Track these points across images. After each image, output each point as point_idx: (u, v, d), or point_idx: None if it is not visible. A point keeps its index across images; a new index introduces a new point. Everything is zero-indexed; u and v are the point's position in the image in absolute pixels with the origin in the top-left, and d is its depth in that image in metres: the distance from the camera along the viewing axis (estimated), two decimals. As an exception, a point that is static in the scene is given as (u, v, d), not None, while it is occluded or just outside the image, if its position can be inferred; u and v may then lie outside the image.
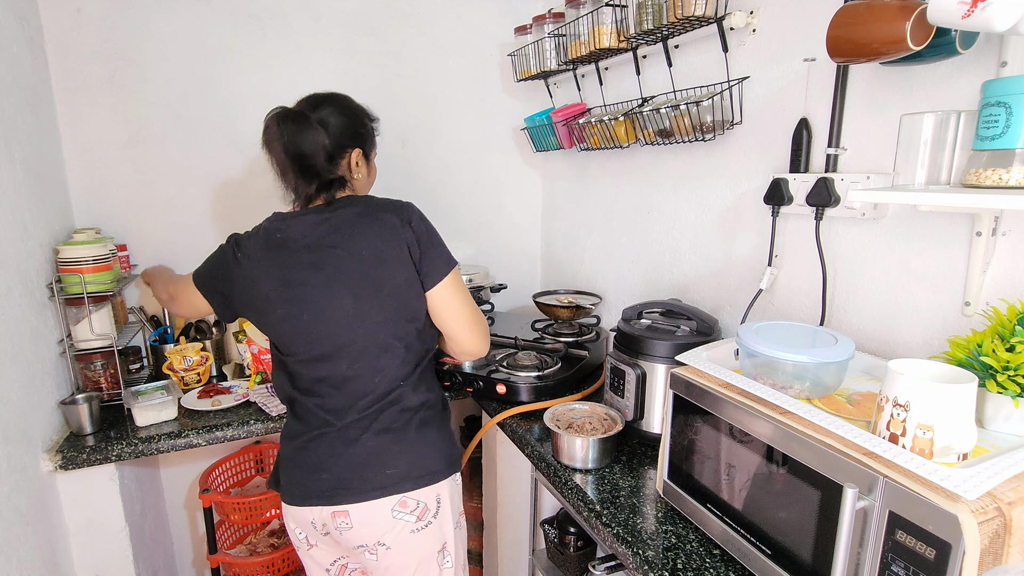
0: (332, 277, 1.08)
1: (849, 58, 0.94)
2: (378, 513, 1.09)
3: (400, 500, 1.10)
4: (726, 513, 0.93)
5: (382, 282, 1.08)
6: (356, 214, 1.10)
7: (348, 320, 1.08)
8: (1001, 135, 0.77)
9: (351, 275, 1.08)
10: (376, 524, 1.10)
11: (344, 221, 1.10)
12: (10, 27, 1.37)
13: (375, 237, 1.08)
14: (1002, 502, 0.63)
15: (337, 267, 1.08)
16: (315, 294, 1.08)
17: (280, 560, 1.74)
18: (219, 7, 1.75)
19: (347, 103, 1.18)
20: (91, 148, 1.69)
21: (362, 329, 1.09)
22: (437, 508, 1.14)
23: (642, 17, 1.38)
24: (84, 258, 1.44)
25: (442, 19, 2.01)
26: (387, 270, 1.09)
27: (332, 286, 1.08)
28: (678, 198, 1.57)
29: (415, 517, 1.11)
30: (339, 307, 1.08)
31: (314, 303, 1.08)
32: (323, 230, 1.10)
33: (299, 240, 1.10)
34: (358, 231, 1.09)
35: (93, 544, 1.42)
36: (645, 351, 1.25)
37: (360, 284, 1.08)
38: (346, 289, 1.08)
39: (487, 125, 2.16)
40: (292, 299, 1.09)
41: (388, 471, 1.09)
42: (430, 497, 1.12)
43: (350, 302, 1.08)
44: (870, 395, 0.90)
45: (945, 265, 0.98)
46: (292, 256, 1.09)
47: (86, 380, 1.53)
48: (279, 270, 1.10)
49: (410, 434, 1.13)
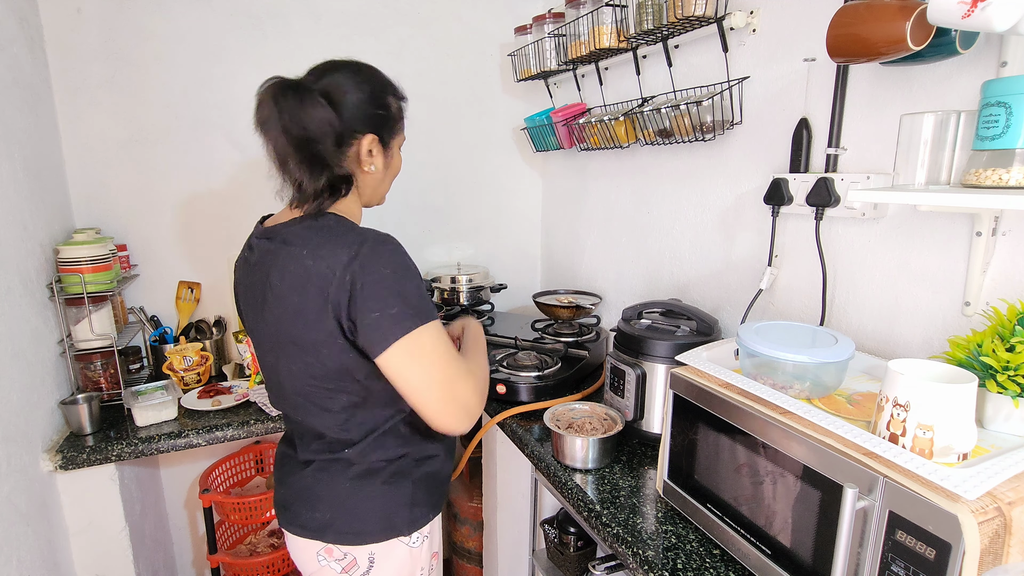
0: (267, 320, 0.93)
1: (849, 58, 0.94)
2: (305, 550, 1.02)
3: (325, 547, 0.99)
4: (726, 513, 0.93)
5: (304, 342, 0.89)
6: (290, 254, 0.88)
7: (283, 370, 0.95)
8: (1001, 135, 0.77)
9: (277, 325, 0.91)
10: (305, 560, 1.03)
11: (283, 261, 0.89)
12: (10, 27, 1.37)
13: (298, 288, 0.87)
14: (1002, 502, 0.63)
15: (269, 311, 0.91)
16: (261, 331, 0.96)
17: (280, 560, 1.74)
18: (219, 7, 1.75)
19: (366, 74, 0.95)
20: (91, 148, 1.69)
21: (296, 385, 0.94)
22: (369, 567, 0.99)
23: (642, 17, 1.38)
24: (84, 258, 1.44)
25: (442, 19, 2.01)
26: (307, 331, 0.88)
27: (266, 327, 0.94)
28: (678, 198, 1.57)
29: (340, 567, 1.00)
30: (275, 354, 0.95)
31: (261, 340, 0.97)
32: (266, 261, 0.92)
33: (257, 266, 0.94)
34: (285, 276, 0.88)
35: (93, 544, 1.42)
36: (645, 351, 1.25)
37: (283, 338, 0.91)
38: (275, 337, 0.93)
39: (487, 125, 2.16)
40: (252, 326, 1.00)
41: (316, 514, 0.98)
42: (361, 555, 0.99)
43: (281, 354, 0.93)
44: (870, 395, 0.90)
45: (945, 265, 0.98)
46: (249, 278, 0.97)
47: (86, 380, 1.53)
48: (246, 293, 0.99)
49: (342, 484, 0.97)
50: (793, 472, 0.80)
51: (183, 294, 1.84)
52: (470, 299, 2.00)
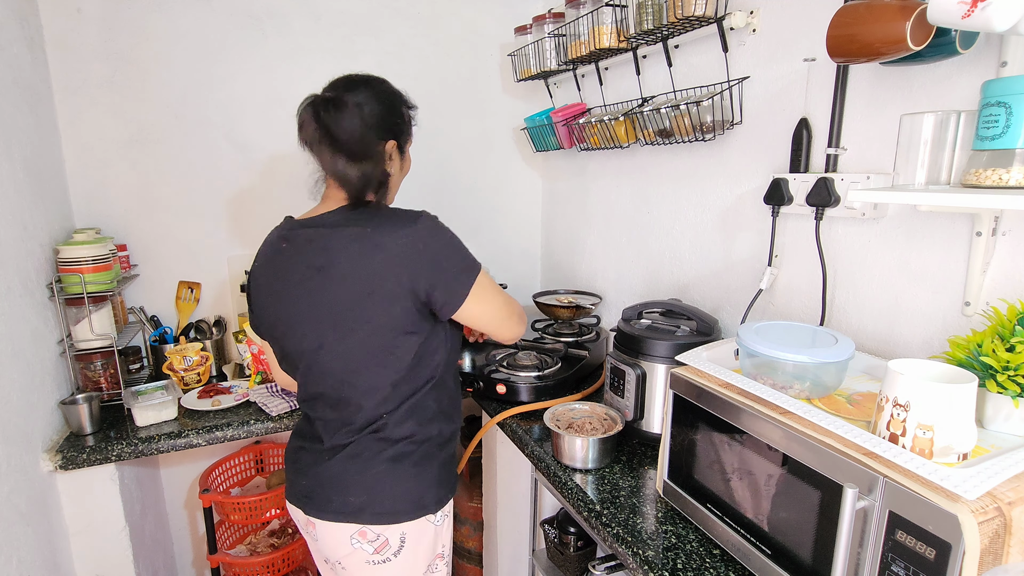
0: (317, 304, 1.00)
1: (849, 58, 0.94)
2: (338, 535, 1.06)
3: (359, 529, 1.05)
4: (726, 513, 0.93)
5: (367, 317, 0.98)
6: (350, 237, 0.98)
7: (330, 351, 1.02)
8: (1001, 135, 0.77)
9: (334, 306, 0.99)
10: (335, 545, 1.07)
11: (339, 242, 0.98)
12: (10, 27, 1.37)
13: (367, 267, 0.97)
14: (1002, 502, 0.63)
15: (322, 293, 0.99)
16: (303, 318, 1.02)
17: (280, 560, 1.74)
18: (219, 7, 1.75)
19: (384, 88, 1.07)
20: (91, 148, 1.69)
21: (343, 363, 1.02)
22: (400, 547, 1.07)
23: (642, 17, 1.38)
24: (84, 258, 1.44)
25: (442, 19, 2.01)
26: (375, 305, 0.98)
27: (317, 313, 1.00)
28: (678, 198, 1.57)
29: (373, 548, 1.06)
30: (323, 337, 1.01)
31: (302, 327, 1.03)
32: (316, 247, 1.00)
33: (295, 255, 1.02)
34: (350, 257, 0.97)
35: (93, 544, 1.42)
36: (645, 351, 1.25)
37: (342, 317, 0.99)
38: (328, 319, 1.00)
39: (487, 125, 2.16)
40: (286, 318, 1.04)
41: (350, 498, 1.04)
42: (392, 534, 1.06)
43: (331, 334, 1.00)
44: (870, 395, 0.90)
45: (945, 265, 0.98)
46: (287, 271, 1.03)
47: (86, 380, 1.53)
48: (277, 284, 1.04)
49: (377, 467, 1.04)
50: (793, 472, 0.80)
51: (183, 294, 1.84)
52: (470, 299, 2.00)
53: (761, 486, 0.86)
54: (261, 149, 1.87)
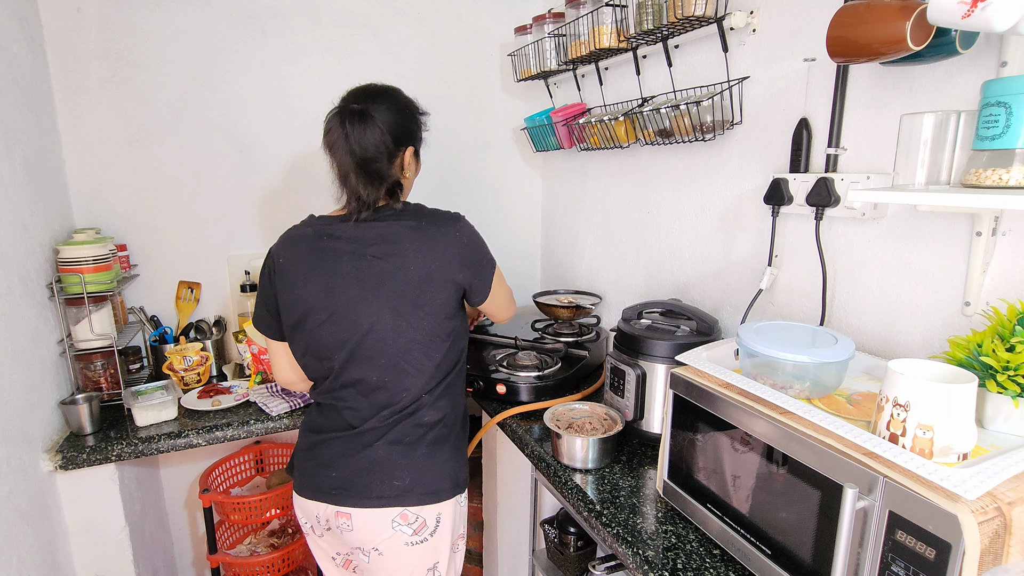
0: (374, 289, 1.06)
1: (849, 58, 0.94)
2: (379, 520, 1.10)
3: (401, 512, 1.10)
4: (726, 513, 0.93)
5: (423, 301, 1.07)
6: (408, 227, 1.08)
7: (384, 334, 1.07)
8: (1001, 135, 0.77)
9: (394, 290, 1.06)
10: (375, 530, 1.10)
11: (394, 232, 1.08)
12: (10, 27, 1.37)
13: (425, 254, 1.07)
14: (1002, 502, 0.63)
15: (381, 280, 1.06)
16: (355, 304, 1.06)
17: (280, 560, 1.74)
18: (219, 7, 1.75)
19: (401, 98, 1.14)
20: (91, 148, 1.69)
21: (396, 345, 1.08)
22: (436, 526, 1.13)
23: (642, 17, 1.38)
24: (84, 258, 1.44)
25: (442, 19, 2.01)
26: (431, 290, 1.07)
27: (373, 299, 1.06)
28: (678, 198, 1.57)
29: (412, 530, 1.11)
30: (377, 321, 1.07)
31: (352, 313, 1.07)
32: (371, 238, 1.07)
33: (344, 247, 1.08)
34: (409, 246, 1.07)
35: (93, 544, 1.42)
36: (645, 351, 1.25)
37: (401, 301, 1.06)
38: (386, 304, 1.06)
39: (487, 125, 2.16)
40: (332, 307, 1.07)
41: (395, 482, 1.09)
42: (430, 514, 1.12)
43: (389, 317, 1.06)
44: (870, 395, 0.90)
45: (945, 265, 0.98)
46: (335, 262, 1.08)
47: (86, 380, 1.53)
48: (322, 275, 1.08)
49: (421, 449, 1.11)
50: (793, 472, 0.80)
51: (183, 294, 1.84)
52: (470, 299, 2.00)
53: (761, 486, 0.86)
54: (261, 149, 1.87)
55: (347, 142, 1.05)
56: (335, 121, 1.06)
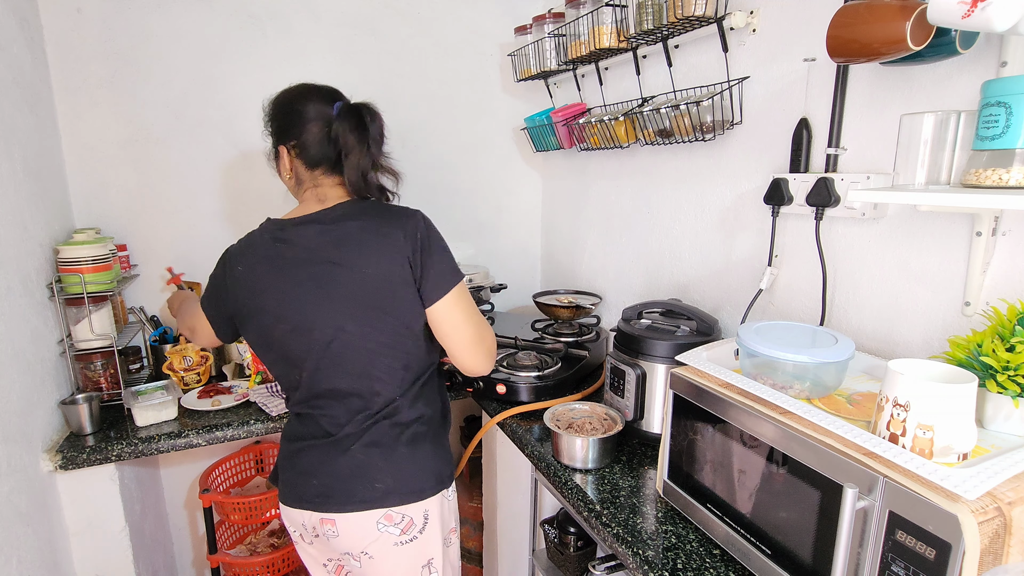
0: (333, 297, 1.03)
1: (849, 58, 0.94)
2: (364, 524, 1.08)
3: (386, 513, 1.08)
4: (726, 513, 0.93)
5: (385, 304, 1.04)
6: (360, 228, 1.05)
7: (348, 342, 1.05)
8: (1001, 135, 0.77)
9: (353, 296, 1.03)
10: (361, 535, 1.09)
11: (347, 235, 1.04)
12: (10, 27, 1.37)
13: (380, 256, 1.03)
14: (1002, 502, 0.63)
15: (339, 285, 1.03)
16: (316, 314, 1.04)
17: (280, 560, 1.74)
18: (219, 7, 1.75)
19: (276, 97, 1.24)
20: (91, 148, 1.69)
21: (362, 352, 1.05)
22: (424, 524, 1.11)
23: (642, 17, 1.38)
24: (84, 258, 1.44)
25: (442, 19, 2.01)
26: (391, 291, 1.04)
27: (333, 306, 1.04)
28: (678, 198, 1.57)
29: (399, 530, 1.09)
30: (340, 329, 1.04)
31: (314, 323, 1.04)
32: (325, 242, 1.04)
33: (300, 253, 1.05)
34: (363, 248, 1.03)
35: (93, 544, 1.42)
36: (645, 351, 1.25)
37: (361, 306, 1.04)
38: (347, 311, 1.03)
39: (487, 125, 2.16)
40: (293, 317, 1.05)
41: (377, 485, 1.07)
42: (416, 512, 1.10)
43: (351, 325, 1.04)
44: (870, 395, 0.90)
45: (945, 265, 0.98)
46: (293, 269, 1.05)
47: (86, 380, 1.53)
48: (281, 284, 1.05)
49: (399, 449, 1.09)
50: (793, 472, 0.80)
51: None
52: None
53: (761, 486, 0.86)
54: (261, 149, 1.87)
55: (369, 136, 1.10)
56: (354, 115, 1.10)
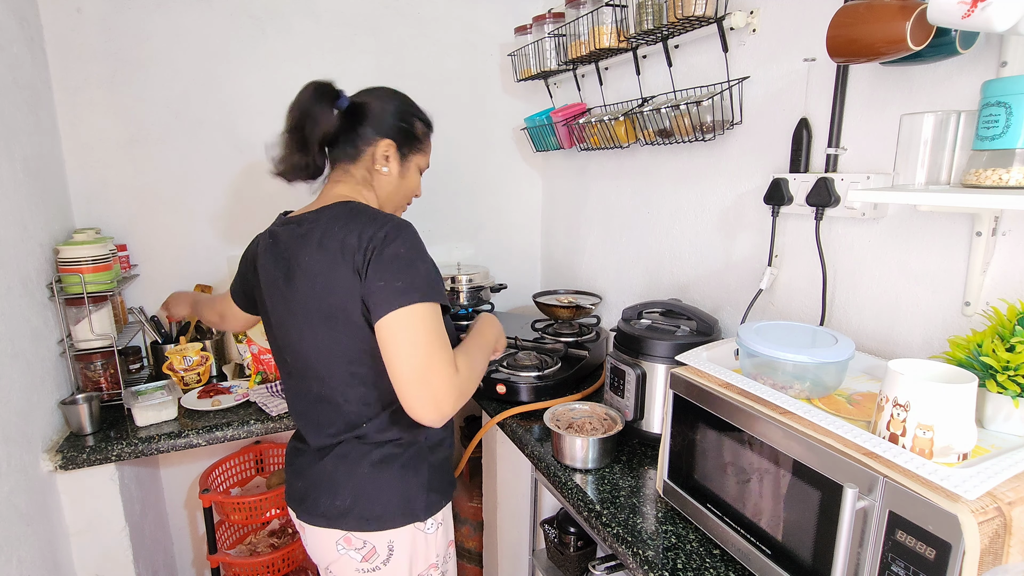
0: (293, 300, 1.00)
1: (849, 58, 0.94)
2: (324, 540, 1.04)
3: (344, 536, 1.02)
4: (726, 513, 0.93)
5: (337, 314, 0.95)
6: (321, 232, 0.97)
7: (307, 349, 1.01)
8: (1001, 135, 0.77)
9: (307, 302, 0.98)
10: (323, 550, 1.05)
11: (309, 238, 0.98)
12: (10, 27, 1.37)
13: (326, 263, 0.95)
14: (1002, 502, 0.63)
15: (296, 290, 0.99)
16: (283, 316, 1.02)
17: (280, 560, 1.74)
18: (219, 7, 1.75)
19: (398, 95, 1.11)
20: (91, 148, 1.69)
21: (321, 360, 1.00)
22: (388, 555, 1.02)
23: (642, 17, 1.38)
24: (84, 258, 1.44)
25: (442, 19, 2.01)
26: (338, 301, 0.94)
27: (294, 309, 1.00)
28: (678, 198, 1.57)
29: (360, 557, 1.03)
30: (301, 335, 1.01)
31: (283, 326, 1.03)
32: (294, 244, 1.00)
33: (281, 253, 1.02)
34: (314, 253, 0.96)
35: (93, 544, 1.42)
36: (645, 351, 1.25)
37: (316, 314, 0.97)
38: (304, 316, 0.99)
39: (487, 125, 2.16)
40: (271, 311, 1.05)
41: (336, 501, 1.01)
42: (380, 542, 1.02)
43: (308, 331, 0.99)
44: (870, 395, 0.90)
45: (945, 265, 0.98)
46: (272, 267, 1.03)
47: (86, 380, 1.53)
48: (264, 277, 1.05)
49: (363, 468, 1.01)
50: (793, 472, 0.80)
51: (184, 294, 1.83)
52: (470, 299, 2.00)
53: (761, 486, 0.86)
54: (261, 149, 1.87)
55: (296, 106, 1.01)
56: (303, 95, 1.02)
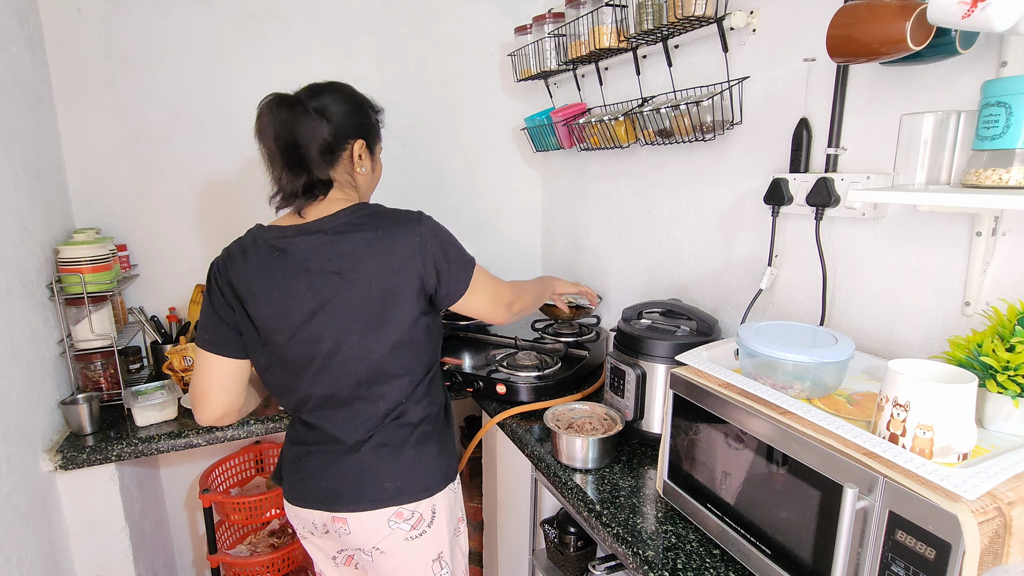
0: (335, 308, 1.02)
1: (849, 58, 0.94)
2: (375, 522, 1.09)
3: (396, 511, 1.09)
4: (726, 513, 0.93)
5: (389, 316, 1.03)
6: (365, 240, 1.01)
7: (350, 353, 1.04)
8: (1001, 135, 0.77)
9: (356, 308, 1.02)
10: (372, 531, 1.10)
11: (351, 247, 1.01)
12: (10, 27, 1.37)
13: (385, 268, 1.01)
14: (1002, 502, 0.63)
15: (341, 298, 1.01)
16: (316, 325, 1.02)
17: (280, 560, 1.74)
18: (219, 7, 1.75)
19: (349, 91, 1.13)
20: (91, 148, 1.69)
21: (365, 362, 1.05)
22: (432, 518, 1.13)
23: (642, 17, 1.38)
24: (84, 258, 1.44)
25: (442, 19, 2.01)
26: (396, 303, 1.03)
27: (335, 318, 1.02)
28: (678, 198, 1.57)
29: (409, 526, 1.11)
30: (342, 341, 1.03)
31: (315, 334, 1.03)
32: (327, 254, 1.02)
33: (298, 265, 1.02)
34: (368, 261, 1.01)
35: (93, 544, 1.42)
36: (645, 351, 1.25)
37: (365, 319, 1.02)
38: (349, 323, 1.02)
39: (487, 125, 2.16)
40: (292, 328, 1.03)
41: (386, 484, 1.08)
42: (425, 508, 1.12)
43: (354, 336, 1.03)
44: (870, 395, 0.90)
45: (945, 265, 0.98)
46: (291, 281, 1.02)
47: (86, 380, 1.53)
48: (278, 296, 1.03)
49: (407, 451, 1.10)
50: (793, 472, 0.80)
51: (196, 297, 1.83)
52: (470, 299, 2.00)
53: (761, 486, 0.86)
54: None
55: (272, 127, 1.00)
56: (265, 108, 1.01)
